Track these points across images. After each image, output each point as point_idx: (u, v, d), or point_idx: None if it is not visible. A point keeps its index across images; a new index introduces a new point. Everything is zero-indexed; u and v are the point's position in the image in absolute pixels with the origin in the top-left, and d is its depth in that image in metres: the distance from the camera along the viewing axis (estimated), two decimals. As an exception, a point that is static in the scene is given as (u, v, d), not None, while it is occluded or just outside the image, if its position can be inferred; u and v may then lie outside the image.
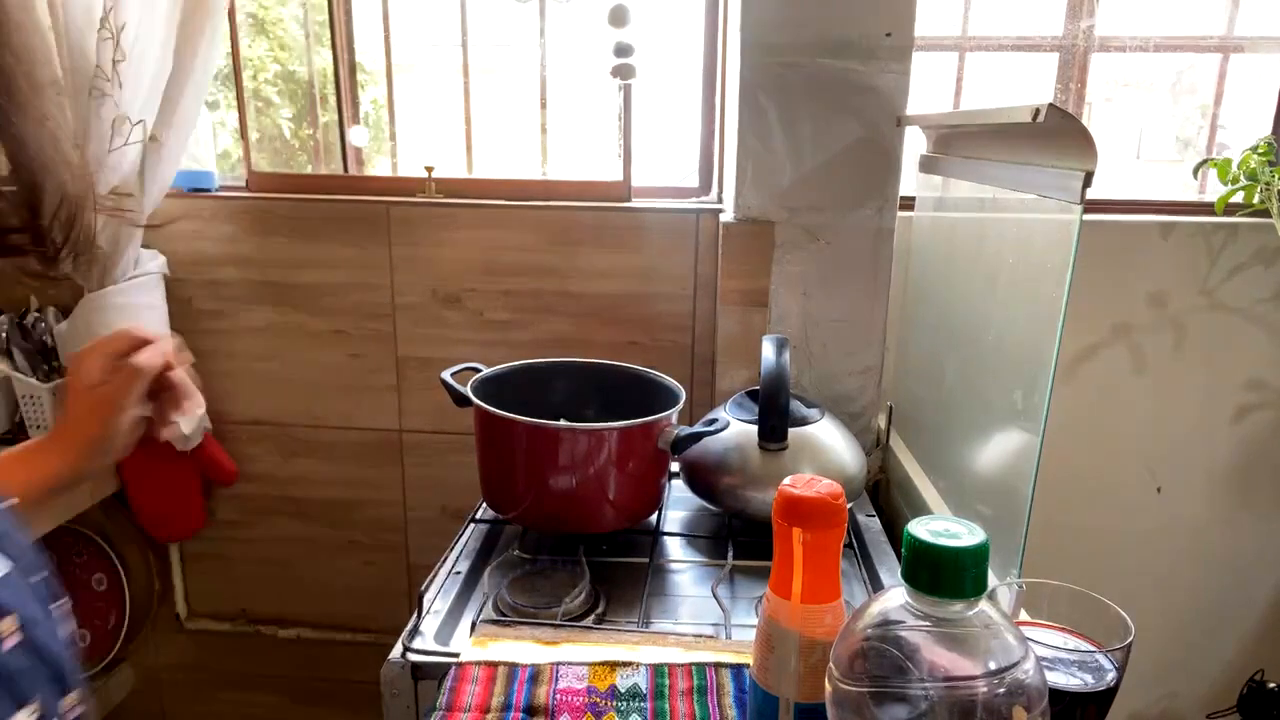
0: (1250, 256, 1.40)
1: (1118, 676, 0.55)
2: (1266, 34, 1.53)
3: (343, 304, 1.56)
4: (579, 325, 1.52)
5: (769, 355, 1.04)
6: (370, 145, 1.71)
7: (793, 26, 1.20)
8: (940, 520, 0.47)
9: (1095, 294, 1.41)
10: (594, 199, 1.50)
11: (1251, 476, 1.49)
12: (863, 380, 1.32)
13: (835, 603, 0.59)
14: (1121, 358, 1.45)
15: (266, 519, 1.69)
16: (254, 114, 1.73)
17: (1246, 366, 1.45)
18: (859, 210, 1.26)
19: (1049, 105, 0.70)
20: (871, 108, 1.22)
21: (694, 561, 1.05)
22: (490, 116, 1.63)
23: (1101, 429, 1.47)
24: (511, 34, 1.59)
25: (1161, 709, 1.61)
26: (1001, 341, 0.94)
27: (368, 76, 1.69)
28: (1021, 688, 0.44)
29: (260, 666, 1.77)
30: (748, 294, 1.30)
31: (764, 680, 0.61)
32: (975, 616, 0.45)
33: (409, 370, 1.58)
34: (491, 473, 1.06)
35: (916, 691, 0.44)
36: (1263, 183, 1.34)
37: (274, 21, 1.80)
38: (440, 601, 0.93)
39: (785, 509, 0.58)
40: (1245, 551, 1.52)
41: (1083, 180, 0.69)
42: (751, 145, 1.25)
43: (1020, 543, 0.82)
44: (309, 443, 1.64)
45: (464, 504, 1.60)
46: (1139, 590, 1.53)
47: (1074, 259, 0.73)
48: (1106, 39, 1.50)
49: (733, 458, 1.06)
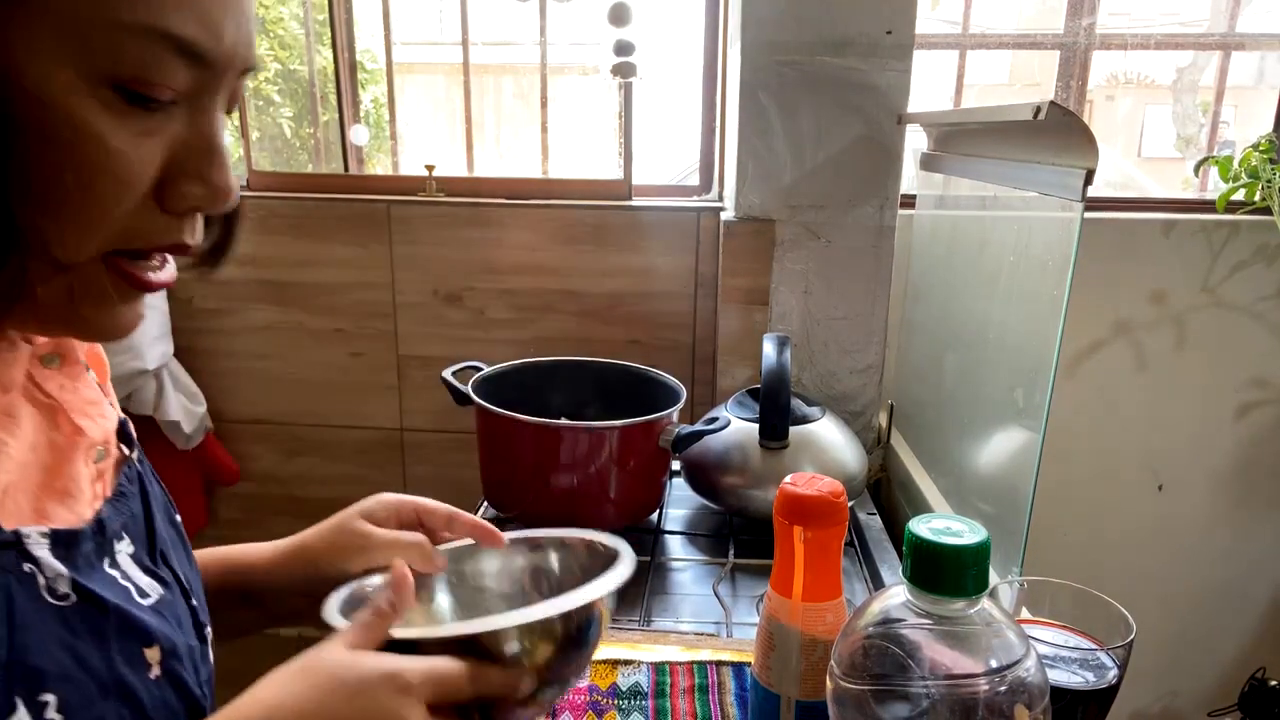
0: (1252, 254, 1.40)
1: (1119, 674, 0.55)
2: (1268, 31, 1.53)
3: (344, 303, 1.56)
4: (580, 324, 1.52)
5: (770, 354, 1.04)
6: (371, 144, 1.71)
7: (793, 24, 1.20)
8: (941, 518, 0.47)
9: (1096, 292, 1.41)
10: (595, 198, 1.50)
11: (1253, 474, 1.49)
12: (864, 378, 1.32)
13: (836, 601, 0.59)
14: (1123, 356, 1.45)
15: (268, 518, 1.69)
16: (254, 113, 1.73)
17: (1248, 364, 1.44)
18: (860, 208, 1.25)
19: (1050, 103, 0.69)
20: (872, 106, 1.22)
21: (695, 560, 1.05)
22: (491, 115, 1.63)
23: (1103, 427, 1.47)
24: (512, 32, 1.58)
25: (1163, 707, 1.61)
26: (1002, 339, 0.94)
27: (368, 75, 1.69)
28: (1023, 686, 0.44)
29: (262, 665, 1.77)
30: (749, 292, 1.30)
31: (765, 678, 0.61)
32: (976, 614, 0.45)
33: (410, 369, 1.58)
34: (493, 471, 1.06)
35: (918, 689, 0.44)
36: (1264, 180, 1.34)
37: (274, 20, 1.79)
38: (442, 600, 0.93)
39: (786, 507, 0.58)
40: (1247, 549, 1.52)
41: (1084, 178, 0.69)
42: (752, 143, 1.25)
43: (1021, 540, 0.82)
44: (310, 442, 1.64)
45: (465, 503, 1.59)
46: (1140, 588, 1.53)
47: (1075, 256, 0.73)
48: (1107, 36, 1.50)
49: (734, 456, 1.06)
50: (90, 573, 0.43)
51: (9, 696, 0.37)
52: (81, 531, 0.43)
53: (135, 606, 0.46)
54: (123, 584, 0.46)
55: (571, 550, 0.65)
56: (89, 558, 0.44)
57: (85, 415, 0.47)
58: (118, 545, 0.47)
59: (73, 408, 0.46)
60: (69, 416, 0.46)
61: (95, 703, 0.41)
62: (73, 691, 0.40)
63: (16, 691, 0.37)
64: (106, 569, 0.45)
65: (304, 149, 1.81)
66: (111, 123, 0.37)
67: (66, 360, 0.47)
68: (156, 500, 0.54)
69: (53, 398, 0.46)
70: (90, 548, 0.44)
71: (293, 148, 1.84)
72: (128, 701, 0.43)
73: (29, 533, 0.40)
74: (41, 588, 0.40)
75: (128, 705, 0.43)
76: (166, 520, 0.54)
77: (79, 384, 0.48)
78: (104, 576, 0.44)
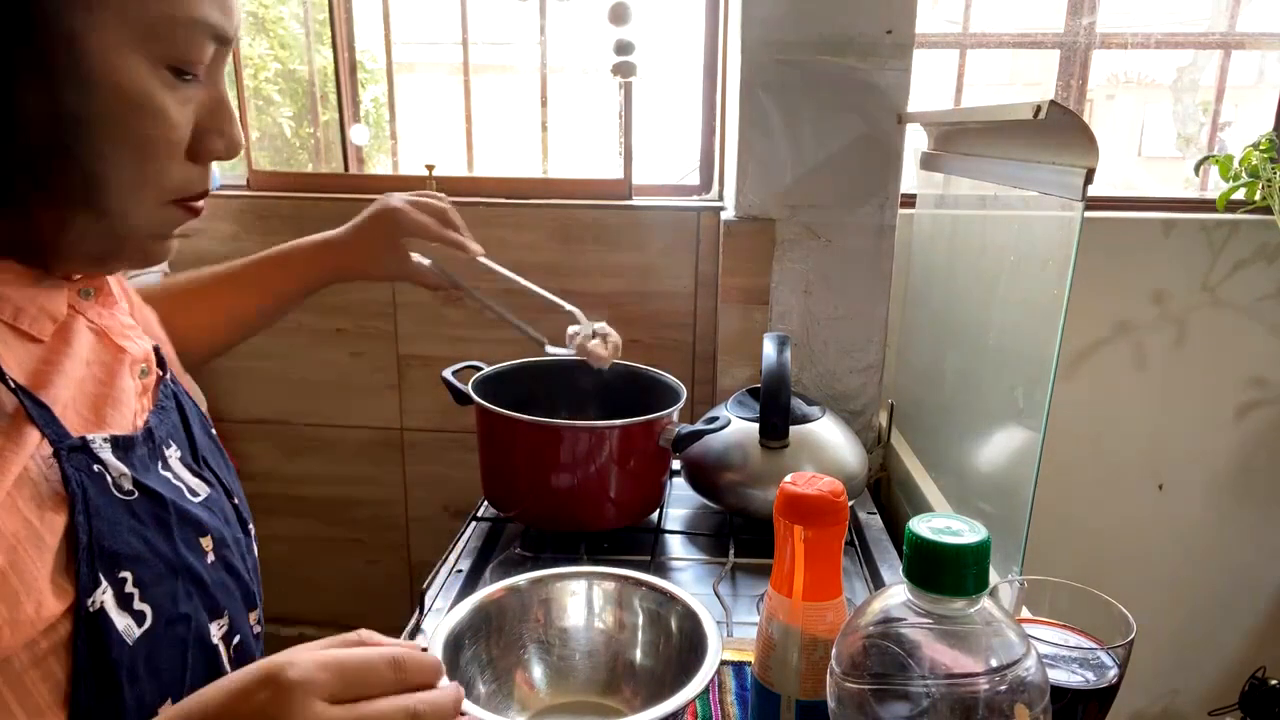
0: (1252, 253, 1.40)
1: (1119, 674, 0.55)
2: (1268, 30, 1.53)
3: (344, 302, 1.56)
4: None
5: (770, 353, 1.04)
6: (371, 144, 1.71)
7: (793, 24, 1.20)
8: (941, 518, 0.47)
9: (1096, 291, 1.41)
10: (595, 197, 1.50)
11: (1253, 473, 1.49)
12: (864, 378, 1.32)
13: (837, 600, 0.59)
14: (1123, 355, 1.45)
15: (268, 518, 1.69)
16: (255, 113, 1.73)
17: (1248, 363, 1.44)
18: (860, 208, 1.25)
19: (1050, 102, 0.69)
20: (872, 105, 1.21)
21: (695, 559, 1.05)
22: (491, 115, 1.63)
23: (1103, 426, 1.47)
24: (512, 32, 1.58)
25: (1163, 706, 1.61)
26: (1003, 339, 0.94)
27: (368, 75, 1.69)
28: (1023, 685, 0.44)
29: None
30: (749, 292, 1.30)
31: (765, 677, 0.61)
32: (977, 614, 0.45)
33: (410, 368, 1.58)
34: (493, 471, 1.06)
35: (918, 689, 0.44)
36: (1264, 179, 1.34)
37: (274, 20, 1.79)
38: (442, 600, 0.93)
39: (787, 506, 0.58)
40: (1247, 548, 1.52)
41: (1084, 177, 0.69)
42: (752, 143, 1.25)
43: (1022, 540, 0.82)
44: (310, 441, 1.64)
45: (465, 502, 1.60)
46: (1140, 587, 1.53)
47: (1075, 256, 0.73)
48: (1108, 35, 1.50)
49: (734, 455, 1.06)
50: (146, 473, 0.50)
51: (94, 573, 0.44)
52: (135, 437, 0.50)
53: (188, 502, 0.53)
54: (175, 483, 0.53)
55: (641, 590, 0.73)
56: (144, 460, 0.51)
57: (125, 337, 0.54)
58: (166, 451, 0.54)
59: (113, 331, 0.54)
60: (111, 339, 0.53)
61: (165, 579, 0.48)
62: (145, 569, 0.47)
63: (99, 569, 0.44)
64: (160, 470, 0.52)
65: (304, 149, 1.81)
66: (168, 96, 0.47)
67: (100, 292, 0.54)
68: (192, 414, 0.60)
69: (95, 324, 0.53)
70: (144, 452, 0.51)
71: (293, 147, 1.84)
72: (193, 580, 0.51)
73: (94, 438, 0.47)
74: (110, 484, 0.47)
75: (193, 583, 0.51)
76: (203, 431, 0.61)
77: (115, 311, 0.55)
78: (159, 476, 0.52)
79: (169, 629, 0.48)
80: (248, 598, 0.57)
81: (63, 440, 0.45)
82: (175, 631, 0.49)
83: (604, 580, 0.74)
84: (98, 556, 0.44)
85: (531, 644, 0.72)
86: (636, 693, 0.70)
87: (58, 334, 0.49)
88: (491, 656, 0.69)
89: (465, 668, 0.66)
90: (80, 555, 0.44)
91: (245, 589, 0.57)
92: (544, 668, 0.71)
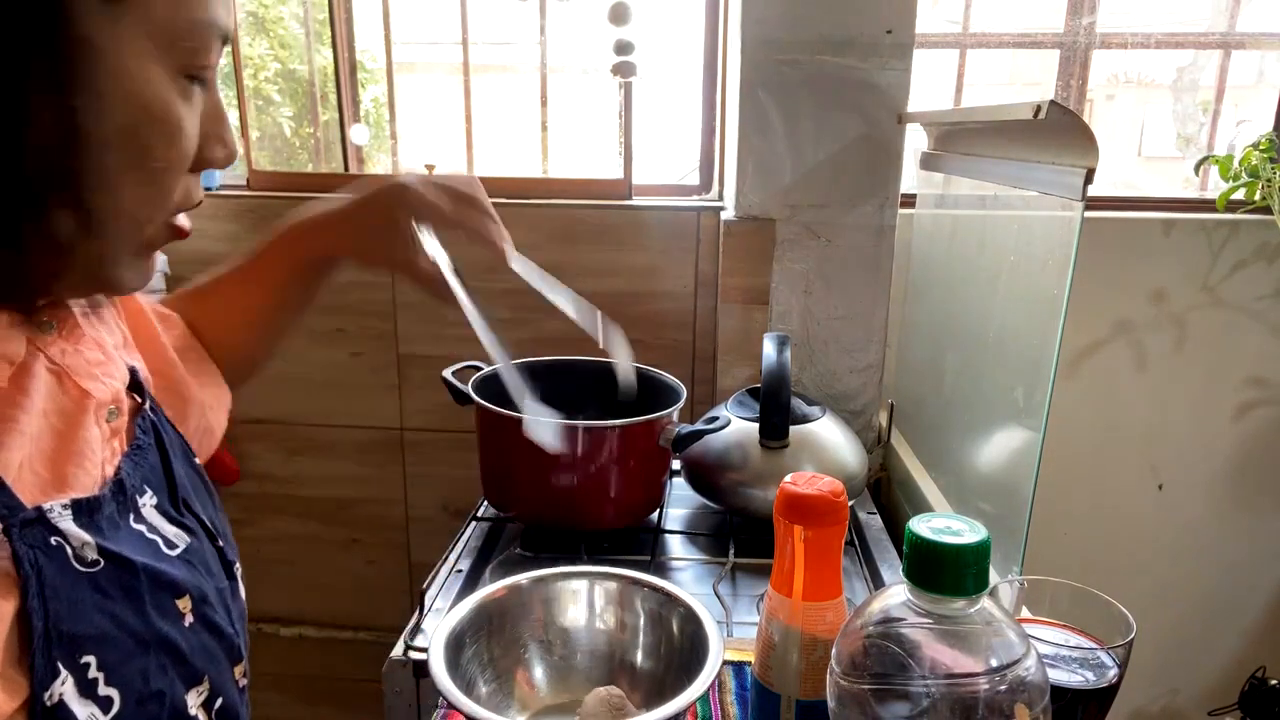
0: (1252, 253, 1.40)
1: (1119, 673, 0.55)
2: (1268, 30, 1.53)
3: (344, 302, 1.55)
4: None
5: (770, 353, 1.04)
6: (371, 143, 1.71)
7: (793, 24, 1.20)
8: (941, 517, 0.47)
9: (1096, 291, 1.41)
10: (595, 197, 1.50)
11: (1253, 473, 1.49)
12: (864, 378, 1.32)
13: (837, 600, 0.59)
14: (1123, 355, 1.45)
15: (268, 518, 1.69)
16: (255, 112, 1.73)
17: (1248, 363, 1.44)
18: (860, 208, 1.25)
19: (1050, 102, 0.69)
20: (872, 105, 1.21)
21: (695, 559, 1.05)
22: (491, 114, 1.62)
23: (1103, 426, 1.47)
24: (512, 32, 1.58)
25: (1163, 706, 1.61)
26: (1003, 339, 0.94)
27: (368, 75, 1.69)
28: (1023, 685, 0.44)
29: (262, 665, 1.76)
30: (749, 292, 1.30)
31: (765, 677, 0.61)
32: (977, 614, 0.45)
33: (410, 368, 1.58)
34: (493, 471, 1.06)
35: (918, 689, 0.44)
36: (1264, 179, 1.34)
37: (274, 20, 1.79)
38: (442, 600, 0.93)
39: (787, 506, 0.58)
40: (1246, 547, 1.52)
41: (1084, 177, 0.69)
42: (752, 143, 1.25)
43: (1022, 540, 0.82)
44: (310, 441, 1.64)
45: (465, 502, 1.60)
46: (1140, 587, 1.53)
47: (1075, 256, 0.73)
48: (1108, 35, 1.50)
49: (734, 455, 1.06)
50: (115, 534, 0.45)
51: (51, 663, 0.39)
52: (101, 496, 0.45)
53: (163, 560, 0.48)
54: (150, 537, 0.48)
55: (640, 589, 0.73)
56: (112, 519, 0.45)
57: (90, 377, 0.48)
58: (140, 500, 0.49)
59: (76, 371, 0.47)
60: (74, 380, 0.47)
61: (135, 657, 0.43)
62: (111, 650, 0.42)
63: (57, 657, 0.39)
64: (132, 524, 0.47)
65: (304, 149, 1.81)
66: (183, 106, 0.44)
67: (64, 323, 0.48)
68: (173, 445, 0.55)
69: (55, 363, 0.46)
70: (112, 509, 0.46)
71: (293, 147, 1.84)
72: (168, 651, 0.46)
73: (51, 506, 0.41)
74: (70, 557, 0.42)
75: (168, 654, 0.46)
76: (185, 464, 0.56)
77: (80, 346, 0.49)
78: (130, 534, 0.47)
79: (140, 709, 0.43)
80: (231, 653, 0.52)
81: (15, 514, 0.39)
82: (147, 711, 0.44)
83: (605, 580, 0.74)
84: (55, 643, 0.39)
85: (532, 644, 0.72)
86: (636, 693, 0.70)
87: (12, 380, 0.43)
88: (492, 656, 0.69)
89: (466, 667, 0.66)
90: (35, 644, 0.38)
91: (229, 645, 0.52)
92: (545, 667, 0.71)
